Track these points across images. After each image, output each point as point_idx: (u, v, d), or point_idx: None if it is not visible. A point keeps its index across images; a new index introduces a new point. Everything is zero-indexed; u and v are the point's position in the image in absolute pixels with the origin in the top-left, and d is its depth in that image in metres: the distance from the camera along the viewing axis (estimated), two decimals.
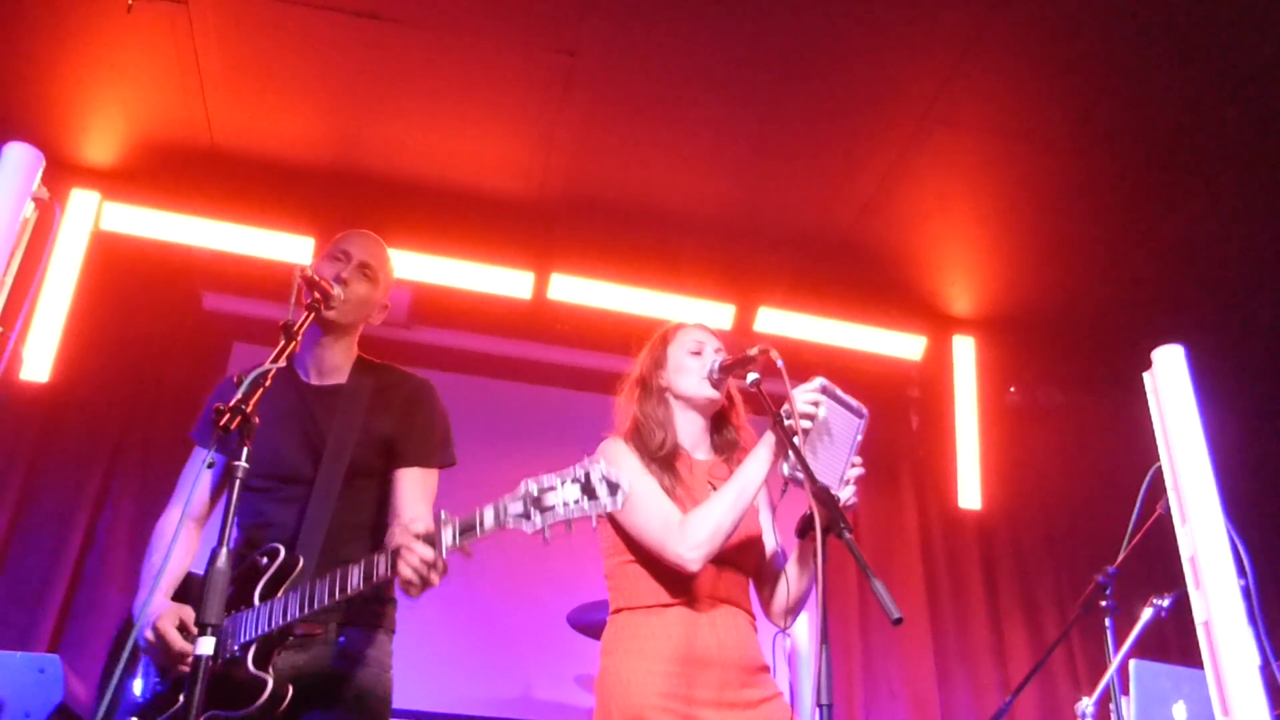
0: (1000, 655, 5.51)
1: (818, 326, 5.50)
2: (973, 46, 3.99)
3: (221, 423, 1.92)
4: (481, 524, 2.09)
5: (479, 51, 4.15)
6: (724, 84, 4.26)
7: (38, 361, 4.51)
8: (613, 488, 2.01)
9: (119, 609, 4.45)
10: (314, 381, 2.65)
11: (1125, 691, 2.76)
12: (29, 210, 1.86)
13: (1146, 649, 2.96)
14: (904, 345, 5.62)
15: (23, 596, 4.46)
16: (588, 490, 2.01)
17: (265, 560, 2.37)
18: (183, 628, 2.34)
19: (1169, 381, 2.02)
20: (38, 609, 4.43)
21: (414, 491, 2.55)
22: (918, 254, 5.27)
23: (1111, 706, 2.90)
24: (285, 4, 3.97)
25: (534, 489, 2.05)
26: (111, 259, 4.87)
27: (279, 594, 2.31)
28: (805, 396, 2.38)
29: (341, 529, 2.48)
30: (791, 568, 2.59)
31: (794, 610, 2.62)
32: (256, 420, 1.97)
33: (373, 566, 2.20)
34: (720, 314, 5.35)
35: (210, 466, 1.84)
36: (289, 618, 2.25)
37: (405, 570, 2.13)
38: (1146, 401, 2.05)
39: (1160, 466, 1.99)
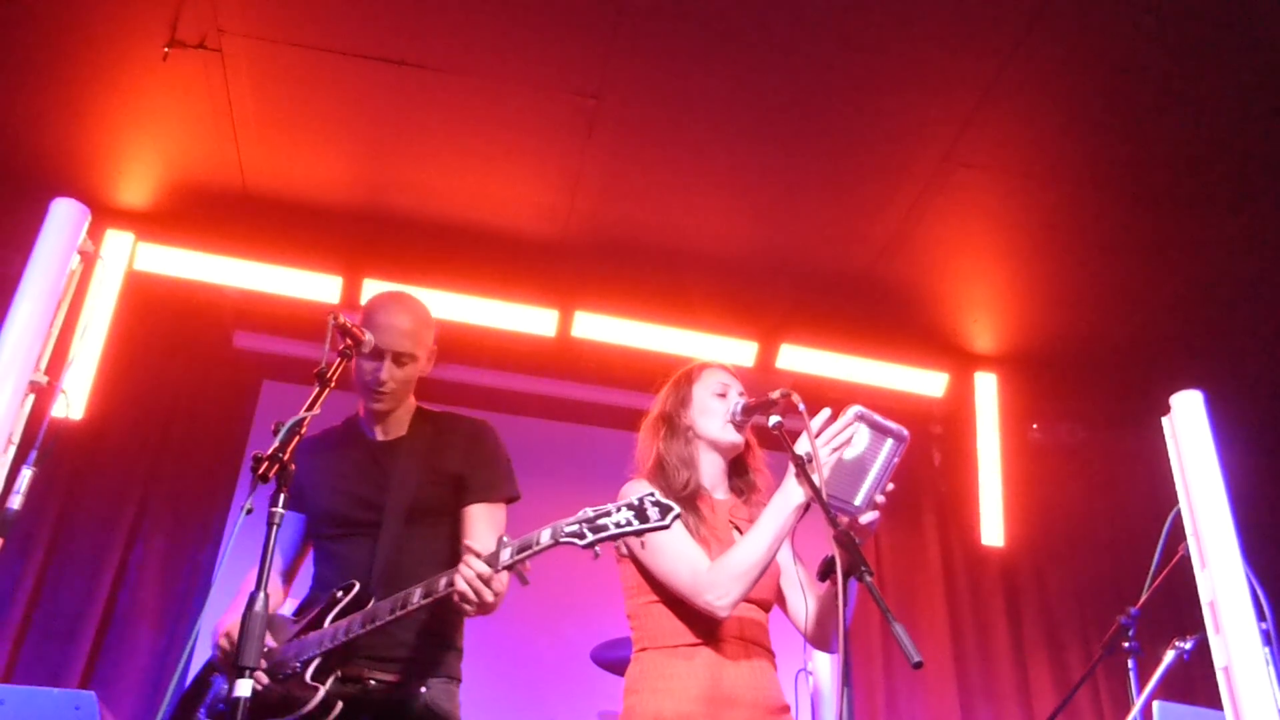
0: (1025, 694, 5.47)
1: (840, 363, 5.53)
2: (993, 88, 4.02)
3: (260, 471, 1.98)
4: (538, 542, 2.20)
5: (505, 96, 4.22)
6: (746, 125, 4.31)
7: (72, 399, 4.58)
8: (664, 510, 2.15)
9: (151, 645, 4.50)
10: (379, 438, 2.82)
11: None
12: (74, 263, 1.91)
13: (1173, 689, 2.94)
14: (926, 382, 5.63)
15: (56, 632, 4.51)
16: (639, 514, 2.14)
17: (341, 594, 2.56)
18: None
19: (1187, 427, 2.04)
20: (70, 645, 4.48)
21: (483, 526, 2.68)
22: (939, 291, 5.29)
23: None
24: (316, 51, 4.06)
25: (590, 513, 2.19)
26: (145, 298, 4.96)
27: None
28: (837, 426, 2.33)
29: (411, 565, 2.58)
30: (818, 607, 2.60)
31: (834, 633, 2.61)
32: (293, 467, 2.02)
33: (433, 584, 2.33)
34: (743, 351, 5.39)
35: (249, 513, 1.89)
36: (350, 634, 2.42)
37: (460, 583, 2.25)
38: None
39: (1180, 510, 2.00)
